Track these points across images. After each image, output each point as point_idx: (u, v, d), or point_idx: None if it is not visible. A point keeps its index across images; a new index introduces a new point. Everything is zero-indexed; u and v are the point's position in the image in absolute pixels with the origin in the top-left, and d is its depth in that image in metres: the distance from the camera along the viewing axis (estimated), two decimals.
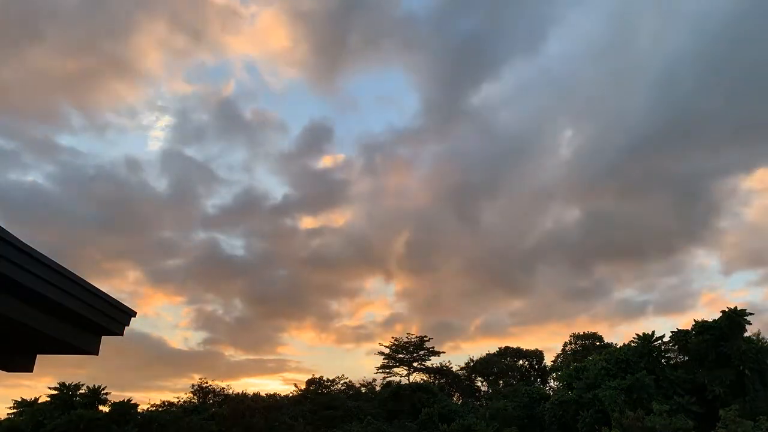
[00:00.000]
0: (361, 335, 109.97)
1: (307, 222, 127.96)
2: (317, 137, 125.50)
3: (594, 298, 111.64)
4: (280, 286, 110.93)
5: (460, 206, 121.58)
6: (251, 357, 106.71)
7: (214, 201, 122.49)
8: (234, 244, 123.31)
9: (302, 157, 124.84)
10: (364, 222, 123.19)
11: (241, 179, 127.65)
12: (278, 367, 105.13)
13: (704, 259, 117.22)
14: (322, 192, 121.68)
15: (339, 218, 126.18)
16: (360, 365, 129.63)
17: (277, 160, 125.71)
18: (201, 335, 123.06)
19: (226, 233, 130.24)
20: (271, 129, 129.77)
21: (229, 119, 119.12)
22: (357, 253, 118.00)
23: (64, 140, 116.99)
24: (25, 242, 3.70)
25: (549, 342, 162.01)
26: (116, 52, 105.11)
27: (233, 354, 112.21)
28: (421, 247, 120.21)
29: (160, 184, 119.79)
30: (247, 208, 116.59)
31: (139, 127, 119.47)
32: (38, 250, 3.82)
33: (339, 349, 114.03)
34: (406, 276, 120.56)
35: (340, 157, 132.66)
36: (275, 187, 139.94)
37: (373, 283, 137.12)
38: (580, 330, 76.47)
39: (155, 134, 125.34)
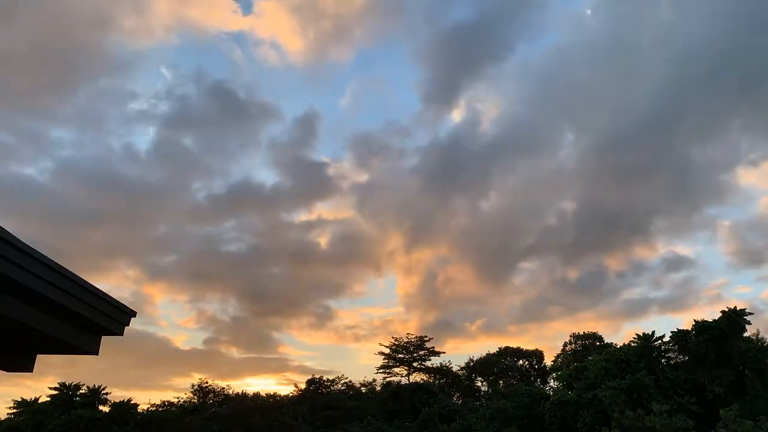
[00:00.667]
0: (361, 335, 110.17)
1: (305, 218, 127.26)
2: (313, 128, 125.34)
3: (597, 296, 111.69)
4: (281, 284, 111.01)
5: (459, 201, 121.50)
6: (252, 356, 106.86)
7: (213, 195, 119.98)
8: (234, 240, 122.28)
9: (299, 149, 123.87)
10: (363, 218, 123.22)
11: (239, 172, 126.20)
12: (280, 367, 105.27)
13: (711, 257, 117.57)
14: (324, 187, 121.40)
15: (339, 214, 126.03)
16: (361, 365, 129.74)
17: (273, 152, 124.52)
18: (203, 334, 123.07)
19: (226, 229, 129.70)
20: (267, 119, 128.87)
21: (225, 108, 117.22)
22: (357, 251, 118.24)
23: (57, 132, 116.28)
24: (25, 242, 3.70)
25: (553, 341, 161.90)
26: (109, 40, 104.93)
27: (235, 353, 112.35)
28: (421, 244, 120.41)
29: (157, 177, 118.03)
30: (245, 203, 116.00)
31: (133, 118, 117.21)
32: (37, 249, 3.82)
33: (340, 348, 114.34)
34: (406, 275, 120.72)
35: (337, 150, 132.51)
36: (274, 181, 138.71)
37: (373, 281, 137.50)
38: (585, 329, 76.55)
39: (150, 124, 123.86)
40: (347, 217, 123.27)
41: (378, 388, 68.83)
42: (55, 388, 56.88)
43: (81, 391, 57.63)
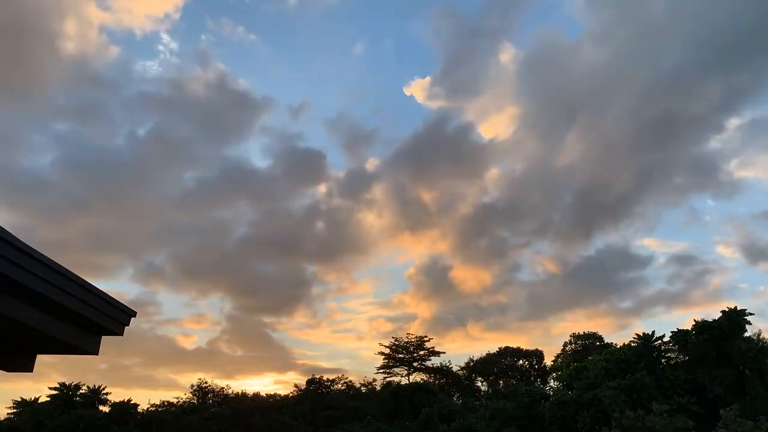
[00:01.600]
0: (362, 334, 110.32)
1: (304, 210, 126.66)
2: (309, 116, 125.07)
3: (598, 295, 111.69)
4: (282, 283, 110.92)
5: (458, 196, 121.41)
6: (255, 354, 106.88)
7: (210, 187, 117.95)
8: (232, 235, 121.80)
9: (294, 138, 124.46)
10: (362, 213, 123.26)
11: (236, 161, 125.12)
12: (285, 365, 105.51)
13: (714, 254, 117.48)
14: (319, 176, 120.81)
15: (335, 206, 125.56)
16: (363, 363, 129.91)
17: (269, 140, 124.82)
18: (207, 334, 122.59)
19: (224, 225, 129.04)
20: (262, 107, 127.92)
21: (220, 96, 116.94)
22: (357, 248, 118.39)
23: (57, 125, 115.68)
24: (25, 242, 3.69)
25: (553, 341, 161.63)
26: (102, 27, 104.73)
27: (239, 352, 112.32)
28: (420, 243, 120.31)
29: (151, 165, 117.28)
30: (242, 194, 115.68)
31: (128, 105, 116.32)
32: (37, 249, 3.82)
33: (341, 347, 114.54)
34: (406, 274, 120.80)
35: (335, 140, 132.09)
36: (271, 172, 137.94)
37: (374, 281, 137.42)
38: (586, 328, 76.57)
39: (147, 113, 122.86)
40: (345, 209, 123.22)
41: (378, 388, 68.88)
42: (55, 388, 56.85)
43: (81, 391, 57.61)
